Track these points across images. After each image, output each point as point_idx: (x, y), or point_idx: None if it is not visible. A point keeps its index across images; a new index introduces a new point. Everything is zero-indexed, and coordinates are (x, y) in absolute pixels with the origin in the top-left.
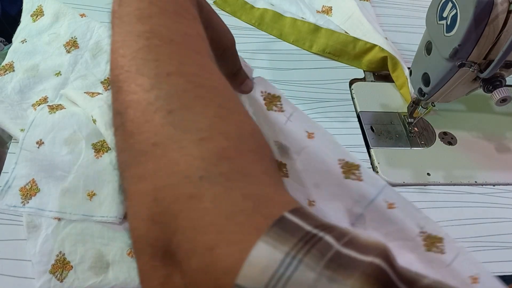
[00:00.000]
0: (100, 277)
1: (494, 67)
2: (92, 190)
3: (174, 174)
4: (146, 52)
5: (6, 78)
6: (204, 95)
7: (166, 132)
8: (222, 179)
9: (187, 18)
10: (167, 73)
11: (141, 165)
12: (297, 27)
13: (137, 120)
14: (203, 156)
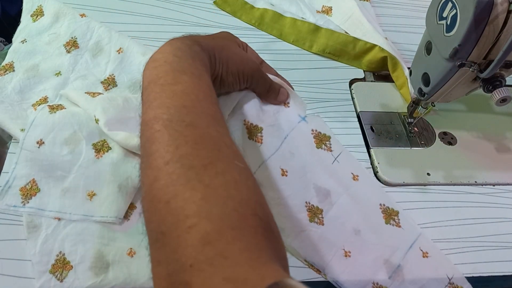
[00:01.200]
0: (100, 277)
1: (494, 67)
2: (92, 190)
3: (175, 262)
4: (149, 141)
5: (6, 78)
6: (193, 177)
7: (167, 221)
8: (206, 265)
9: (183, 82)
10: (165, 161)
11: (157, 251)
12: (297, 27)
13: (148, 211)
14: (192, 243)
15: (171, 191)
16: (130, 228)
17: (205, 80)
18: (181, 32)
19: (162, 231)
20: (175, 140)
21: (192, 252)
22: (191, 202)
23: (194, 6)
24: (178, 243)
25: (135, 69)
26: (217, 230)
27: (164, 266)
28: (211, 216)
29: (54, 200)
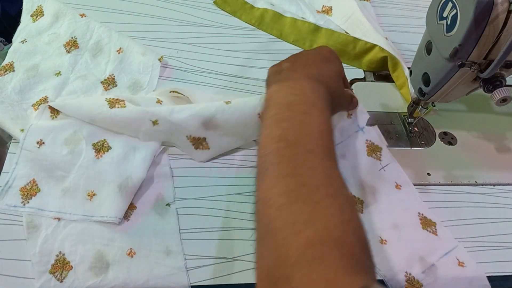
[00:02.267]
0: (100, 277)
1: (494, 67)
2: (92, 190)
3: (278, 258)
4: (274, 155)
5: (6, 78)
6: (306, 193)
7: (276, 223)
8: (306, 264)
9: (313, 116)
10: (284, 175)
11: (262, 246)
12: (297, 27)
13: (260, 212)
14: (297, 245)
15: (285, 199)
16: (130, 228)
17: (329, 118)
18: (181, 31)
19: (269, 231)
20: (295, 160)
21: (295, 252)
22: (301, 212)
23: (194, 6)
24: (283, 243)
25: (135, 69)
26: (320, 238)
27: (266, 259)
28: (316, 227)
29: (54, 200)
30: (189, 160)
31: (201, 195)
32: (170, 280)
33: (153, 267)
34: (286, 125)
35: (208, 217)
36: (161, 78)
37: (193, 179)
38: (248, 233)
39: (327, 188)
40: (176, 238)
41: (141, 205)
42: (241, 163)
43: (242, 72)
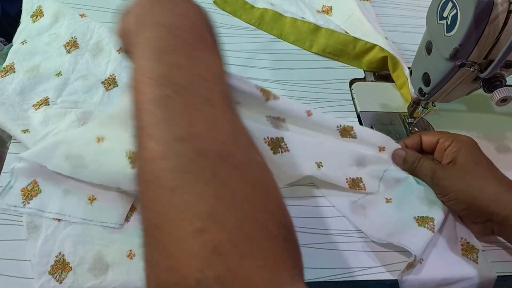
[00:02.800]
0: (100, 278)
1: (494, 67)
2: (93, 194)
3: (173, 271)
4: (158, 106)
5: (7, 79)
6: (207, 167)
7: (167, 215)
8: (215, 284)
9: (204, 52)
10: (176, 137)
11: (149, 248)
12: (297, 27)
13: (146, 196)
14: (200, 253)
15: (179, 177)
16: (130, 230)
17: (218, 54)
18: None
19: (158, 226)
20: (189, 114)
21: (198, 264)
22: (202, 198)
23: None
24: (180, 248)
25: None
26: (231, 241)
27: (156, 270)
28: (225, 222)
29: (55, 201)
30: None
31: None
32: None
33: None
34: (171, 59)
35: None
36: None
37: None
38: None
39: (234, 156)
40: None
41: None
42: None
43: (242, 72)
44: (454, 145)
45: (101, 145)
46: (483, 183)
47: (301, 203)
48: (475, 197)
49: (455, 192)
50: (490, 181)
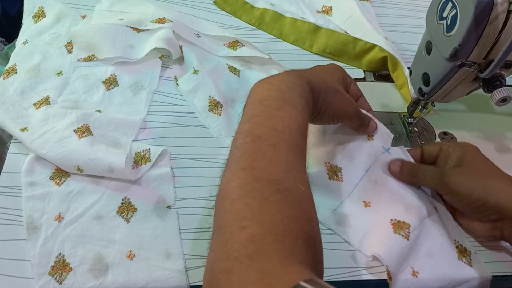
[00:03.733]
0: (100, 279)
1: (494, 67)
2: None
3: (223, 252)
4: (238, 149)
5: (9, 80)
6: (258, 188)
7: (227, 217)
8: (246, 258)
9: (284, 111)
10: (241, 168)
11: (213, 239)
12: (297, 27)
13: (217, 204)
14: (240, 240)
15: (237, 193)
16: (130, 230)
17: (303, 115)
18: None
19: (220, 225)
20: (255, 154)
21: (238, 247)
22: (249, 207)
23: (194, 6)
24: (229, 237)
25: (136, 68)
26: (263, 233)
27: (213, 253)
28: (261, 223)
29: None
30: (189, 160)
31: (201, 195)
32: (169, 283)
33: (153, 269)
34: (256, 120)
35: (208, 217)
36: (162, 78)
37: (193, 179)
38: None
39: (280, 183)
40: (176, 240)
41: (141, 207)
42: None
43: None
44: (459, 149)
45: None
46: (495, 180)
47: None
48: (489, 193)
49: (469, 190)
50: (501, 178)
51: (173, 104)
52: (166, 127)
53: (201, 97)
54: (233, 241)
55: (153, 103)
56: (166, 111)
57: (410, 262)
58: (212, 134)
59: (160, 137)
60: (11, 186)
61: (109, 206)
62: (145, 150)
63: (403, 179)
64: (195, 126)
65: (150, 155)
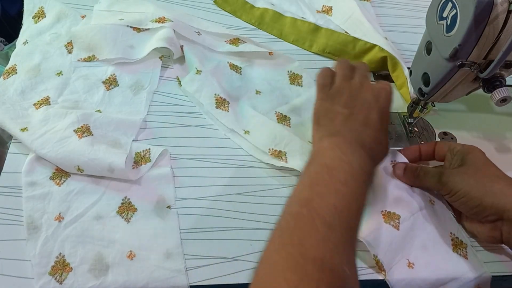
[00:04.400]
0: (100, 279)
1: (494, 67)
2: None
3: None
4: (292, 217)
5: (9, 81)
6: (301, 263)
7: (263, 286)
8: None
9: (350, 187)
10: (291, 243)
11: (254, 274)
12: (297, 27)
13: (258, 268)
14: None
15: (280, 265)
16: (130, 230)
17: (365, 195)
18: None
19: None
20: (308, 230)
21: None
22: (287, 282)
23: (194, 6)
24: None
25: (136, 68)
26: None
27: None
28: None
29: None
30: (189, 160)
31: (201, 195)
32: (170, 283)
33: (153, 269)
34: (318, 190)
35: (208, 217)
36: (162, 78)
37: (193, 179)
38: (248, 233)
39: (326, 263)
40: (176, 240)
41: (141, 207)
42: (242, 163)
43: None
44: (465, 149)
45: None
46: (494, 180)
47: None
48: (487, 192)
49: (465, 188)
50: (501, 178)
51: (173, 104)
52: (166, 127)
53: (206, 96)
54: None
55: (153, 103)
56: (166, 111)
57: (405, 253)
58: (218, 134)
59: (160, 137)
60: (11, 186)
61: (109, 206)
62: (145, 150)
63: (407, 181)
64: (195, 126)
65: (150, 155)
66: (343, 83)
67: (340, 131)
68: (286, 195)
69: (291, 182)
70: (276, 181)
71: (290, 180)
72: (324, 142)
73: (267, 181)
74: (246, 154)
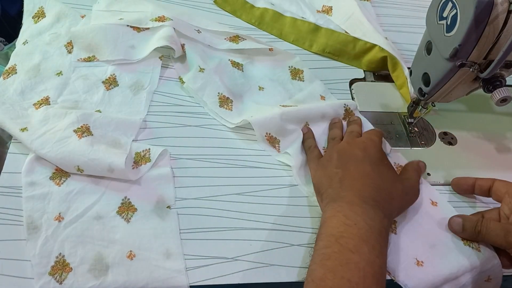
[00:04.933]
0: (100, 279)
1: (494, 67)
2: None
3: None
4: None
5: (9, 81)
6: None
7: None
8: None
9: (361, 253)
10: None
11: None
12: (297, 26)
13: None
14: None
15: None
16: (130, 230)
17: (382, 256)
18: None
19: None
20: None
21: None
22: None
23: (194, 5)
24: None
25: (136, 68)
26: None
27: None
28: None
29: None
30: (189, 160)
31: (201, 195)
32: (169, 283)
33: (152, 269)
34: (330, 265)
35: (208, 217)
36: (162, 78)
37: (193, 179)
38: (248, 233)
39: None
40: (176, 240)
41: (141, 207)
42: (242, 163)
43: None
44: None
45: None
46: None
47: (301, 202)
48: None
49: None
50: None
51: (173, 104)
52: (166, 127)
53: (210, 94)
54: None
55: (153, 103)
56: (166, 111)
57: (411, 254)
58: (218, 134)
59: (160, 137)
60: (11, 186)
61: (109, 206)
62: (145, 150)
63: (466, 237)
64: (195, 126)
65: (150, 155)
66: (330, 150)
67: (339, 193)
68: (286, 195)
69: (291, 182)
70: (276, 181)
71: (290, 180)
72: (327, 211)
73: (267, 181)
74: (246, 154)
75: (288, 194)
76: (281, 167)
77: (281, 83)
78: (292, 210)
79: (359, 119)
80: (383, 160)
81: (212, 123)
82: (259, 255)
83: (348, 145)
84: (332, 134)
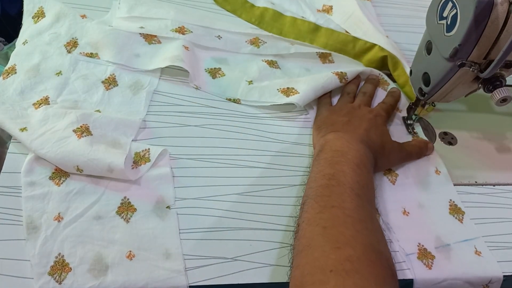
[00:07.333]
0: (99, 279)
1: (494, 67)
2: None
3: (315, 267)
4: (324, 188)
5: (9, 81)
6: (349, 222)
7: (318, 240)
8: (343, 273)
9: (363, 169)
10: (332, 205)
11: (300, 257)
12: (297, 26)
13: (304, 229)
14: (336, 258)
15: (330, 223)
16: (130, 230)
17: (374, 178)
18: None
19: (308, 245)
20: (344, 197)
21: (334, 263)
22: (343, 234)
23: (194, 5)
24: (321, 255)
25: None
26: (357, 257)
27: (301, 269)
28: (355, 248)
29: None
30: (189, 160)
31: (201, 195)
32: (169, 283)
33: (152, 270)
34: (339, 168)
35: (208, 217)
36: (162, 78)
37: (193, 179)
38: (248, 233)
39: (368, 223)
40: (176, 240)
41: (141, 207)
42: (242, 163)
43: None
44: None
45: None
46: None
47: (301, 202)
48: None
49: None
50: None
51: (173, 104)
52: (166, 127)
53: (271, 95)
54: (327, 258)
55: (153, 103)
56: (166, 111)
57: (400, 204)
58: (218, 134)
59: (160, 137)
60: (11, 186)
61: (108, 206)
62: (145, 150)
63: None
64: (195, 126)
65: (150, 155)
66: (342, 103)
67: (339, 131)
68: (286, 195)
69: (291, 182)
70: (276, 181)
71: (290, 180)
72: (328, 136)
73: (267, 181)
74: (246, 154)
75: (288, 194)
76: (281, 167)
77: (316, 70)
78: (292, 210)
79: (377, 81)
80: (386, 129)
81: (212, 123)
82: (259, 255)
83: (359, 107)
84: (348, 88)
